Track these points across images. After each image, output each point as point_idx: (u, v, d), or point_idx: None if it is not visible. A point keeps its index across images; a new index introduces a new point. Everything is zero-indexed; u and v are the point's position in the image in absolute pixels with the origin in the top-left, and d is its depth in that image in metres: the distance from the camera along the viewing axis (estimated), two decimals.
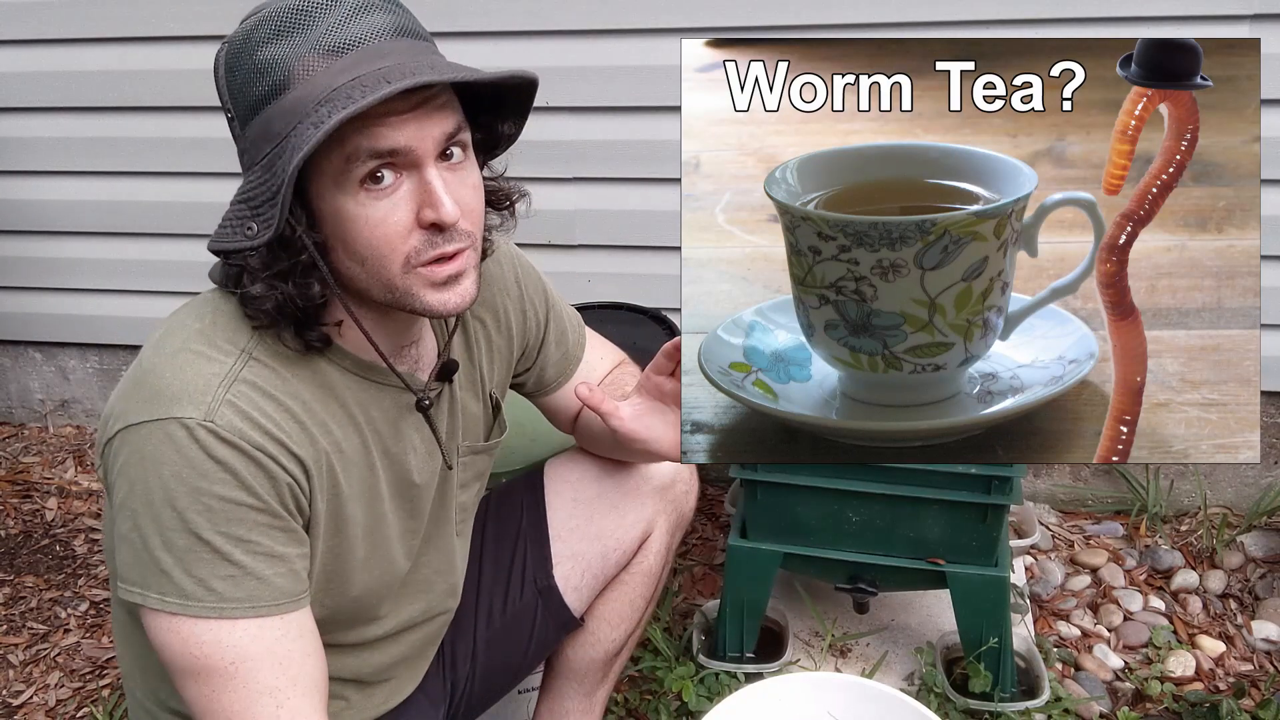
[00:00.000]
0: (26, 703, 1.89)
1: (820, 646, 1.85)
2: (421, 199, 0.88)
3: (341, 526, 1.03)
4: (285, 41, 0.85)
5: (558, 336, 1.31)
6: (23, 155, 2.46)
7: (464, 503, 1.24)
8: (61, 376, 2.75)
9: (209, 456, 0.88)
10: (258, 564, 0.91)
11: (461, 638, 1.36)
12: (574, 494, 1.38)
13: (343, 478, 1.01)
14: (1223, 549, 2.08)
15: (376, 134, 0.84)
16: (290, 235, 0.88)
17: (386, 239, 0.89)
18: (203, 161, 2.36)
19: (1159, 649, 1.86)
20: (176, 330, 0.96)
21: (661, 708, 1.71)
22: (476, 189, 0.95)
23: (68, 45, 2.32)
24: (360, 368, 1.02)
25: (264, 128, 0.87)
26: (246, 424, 0.90)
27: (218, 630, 0.90)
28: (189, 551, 0.89)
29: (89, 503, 2.47)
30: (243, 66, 0.88)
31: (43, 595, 2.16)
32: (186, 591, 0.89)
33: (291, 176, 0.82)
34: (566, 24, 2.08)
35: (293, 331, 0.94)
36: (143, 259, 2.52)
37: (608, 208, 2.19)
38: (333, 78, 0.84)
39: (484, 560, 1.38)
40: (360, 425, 1.03)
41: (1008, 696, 1.66)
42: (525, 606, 1.36)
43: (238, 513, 0.90)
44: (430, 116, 0.87)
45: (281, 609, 0.93)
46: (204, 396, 0.89)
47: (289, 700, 0.92)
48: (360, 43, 0.85)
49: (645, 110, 2.12)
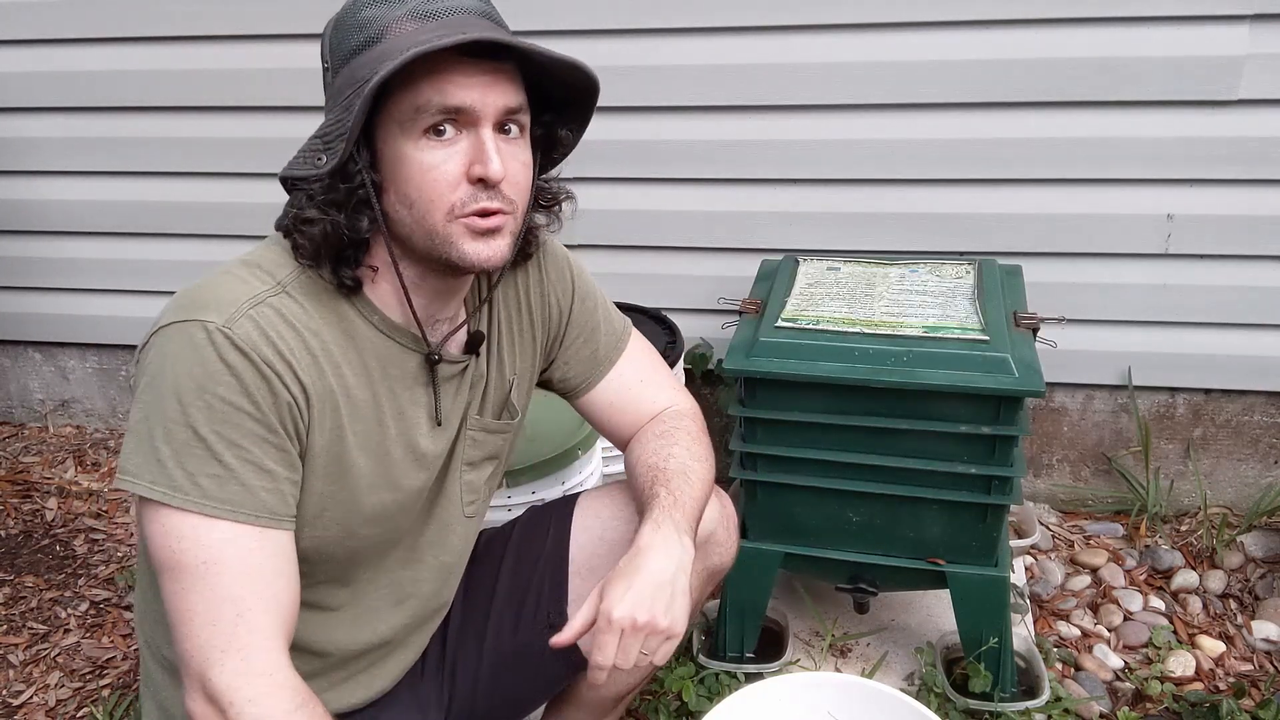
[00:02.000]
0: (26, 703, 1.89)
1: (820, 646, 1.85)
2: (474, 155, 0.96)
3: (345, 473, 1.05)
4: (385, 5, 0.96)
5: (585, 333, 1.29)
6: (23, 155, 2.46)
7: (471, 481, 1.23)
8: (61, 376, 2.75)
9: (220, 358, 0.94)
10: (245, 471, 0.96)
11: (466, 648, 1.34)
12: (602, 531, 1.33)
13: (347, 421, 1.04)
14: (1223, 549, 2.08)
15: (446, 89, 0.93)
16: (352, 169, 0.96)
17: (435, 184, 0.96)
18: (203, 161, 2.36)
19: (1159, 649, 1.86)
20: (228, 262, 1.04)
21: (661, 708, 1.71)
22: (525, 167, 1.03)
23: (68, 45, 2.32)
24: (387, 326, 1.06)
25: (351, 74, 0.95)
26: (261, 339, 0.96)
27: (196, 527, 0.95)
28: (185, 445, 0.94)
29: (89, 503, 2.47)
30: (345, 23, 0.98)
31: (43, 595, 2.16)
32: (175, 482, 0.94)
33: (366, 101, 0.90)
34: (566, 24, 2.08)
35: (330, 267, 1.01)
36: (143, 259, 2.52)
37: (608, 208, 2.20)
38: (420, 34, 0.93)
39: (501, 577, 1.36)
40: (375, 380, 1.06)
41: (1008, 696, 1.66)
42: (536, 638, 1.32)
43: (236, 417, 0.95)
44: (497, 85, 0.96)
45: (260, 522, 0.97)
46: (229, 308, 0.96)
47: (249, 611, 0.95)
48: (448, 14, 0.96)
49: (645, 110, 2.13)
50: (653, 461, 1.23)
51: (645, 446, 1.27)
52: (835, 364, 1.55)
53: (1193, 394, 2.19)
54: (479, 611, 1.33)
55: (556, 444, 1.70)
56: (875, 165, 2.08)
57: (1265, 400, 2.16)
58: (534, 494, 1.68)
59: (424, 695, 1.30)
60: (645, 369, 1.34)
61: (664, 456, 1.23)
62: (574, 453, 1.72)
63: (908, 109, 2.03)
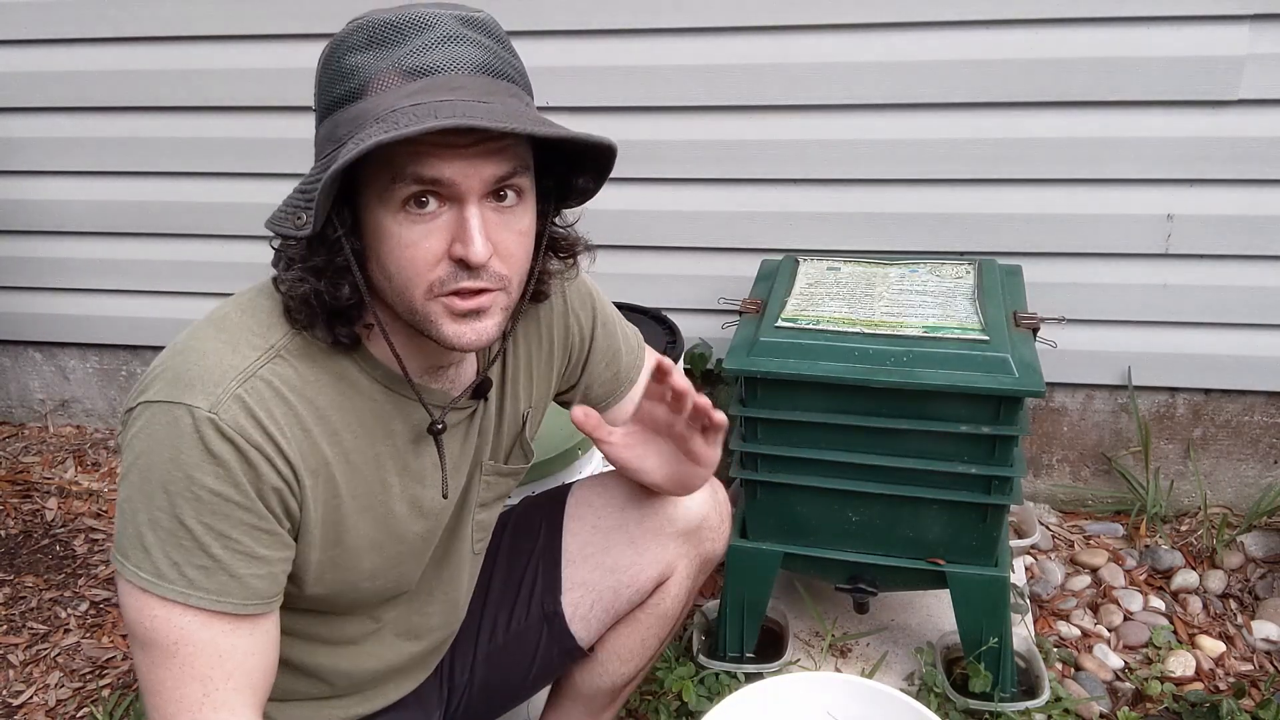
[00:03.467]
0: (26, 703, 1.89)
1: (820, 646, 1.85)
2: (456, 232, 0.89)
3: (341, 537, 1.03)
4: (372, 53, 0.88)
5: (607, 356, 1.28)
6: (23, 155, 2.46)
7: (482, 521, 1.23)
8: (61, 376, 2.75)
9: (206, 449, 0.90)
10: (234, 561, 0.93)
11: (462, 647, 1.34)
12: (595, 520, 1.34)
13: (344, 488, 1.01)
14: (1223, 549, 2.08)
15: (424, 161, 0.86)
16: (332, 235, 0.90)
17: (414, 263, 0.90)
18: (203, 162, 2.36)
19: (1159, 649, 1.86)
20: (219, 316, 0.98)
21: (661, 708, 1.71)
22: (522, 235, 0.94)
23: (68, 45, 2.32)
24: (389, 379, 1.02)
25: (331, 129, 0.89)
26: (248, 422, 0.91)
27: (169, 609, 0.92)
28: (171, 535, 0.91)
29: (89, 503, 2.47)
30: (330, 67, 0.91)
31: (43, 595, 2.16)
32: (160, 571, 0.91)
33: (327, 186, 0.84)
34: (566, 24, 2.08)
35: (324, 325, 0.95)
36: (143, 259, 2.52)
37: (608, 208, 2.18)
38: (400, 98, 0.85)
39: (495, 574, 1.36)
40: (376, 438, 1.03)
41: (1008, 696, 1.66)
42: (530, 628, 1.34)
43: (224, 508, 0.91)
44: (484, 157, 0.87)
45: (247, 608, 0.94)
46: (216, 388, 0.91)
47: (216, 691, 0.94)
48: (438, 70, 0.86)
49: (645, 110, 2.13)
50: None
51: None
52: (835, 364, 1.55)
53: (1193, 394, 2.19)
54: (474, 607, 1.33)
55: (556, 444, 1.69)
56: (875, 165, 2.08)
57: (1265, 400, 2.16)
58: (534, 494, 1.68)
59: (424, 694, 1.30)
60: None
61: None
62: (574, 453, 1.71)
63: (908, 109, 2.03)
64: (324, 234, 0.89)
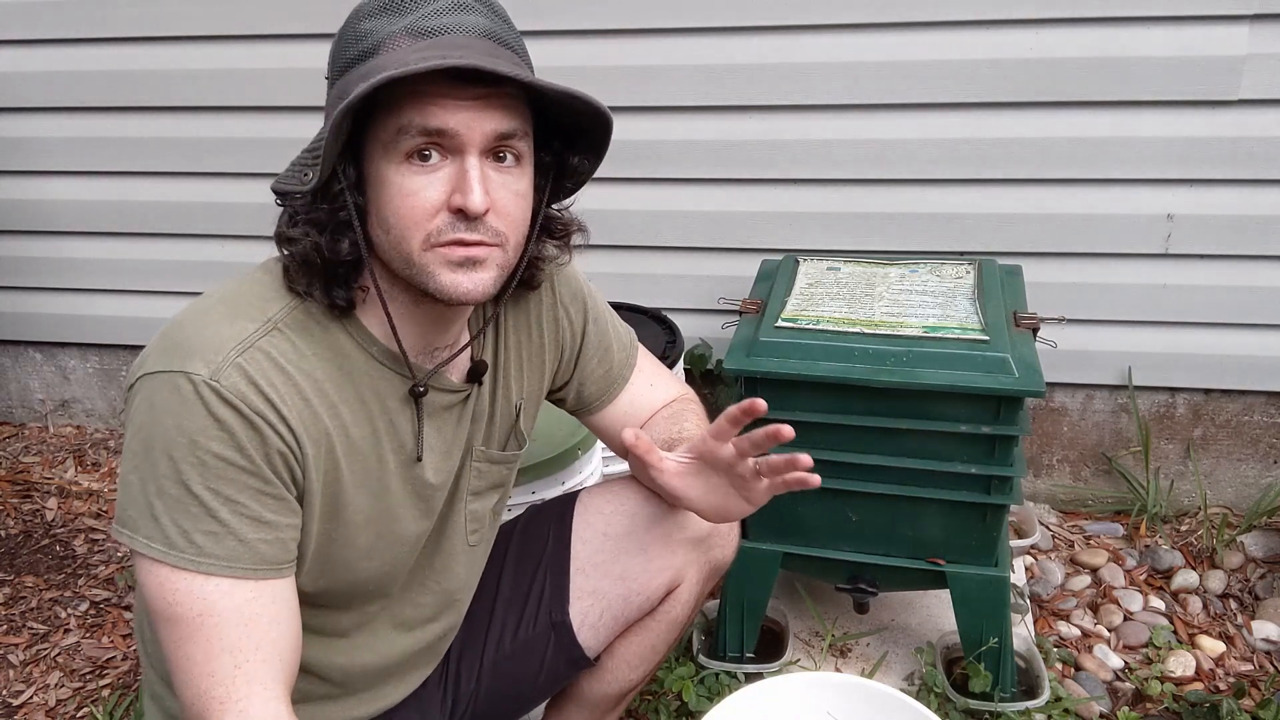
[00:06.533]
0: (26, 703, 1.89)
1: (820, 646, 1.85)
2: (456, 183, 0.92)
3: (339, 512, 1.03)
4: (385, 18, 0.92)
5: (599, 352, 1.28)
6: (23, 155, 2.46)
7: (476, 511, 1.23)
8: (61, 376, 2.75)
9: (208, 413, 0.91)
10: (242, 526, 0.94)
11: (469, 655, 1.34)
12: (604, 527, 1.33)
13: (344, 462, 1.02)
14: (1223, 549, 2.08)
15: (429, 111, 0.89)
16: (335, 188, 0.93)
17: (412, 212, 0.92)
18: (203, 161, 2.36)
19: (1159, 649, 1.86)
20: (218, 290, 1.00)
21: (661, 708, 1.71)
22: (519, 197, 0.97)
23: (68, 45, 2.32)
24: (385, 356, 1.03)
25: (343, 88, 0.92)
26: (249, 388, 0.92)
27: (190, 581, 0.93)
28: (178, 502, 0.92)
29: (89, 503, 2.47)
30: (346, 32, 0.95)
31: (43, 595, 2.16)
32: (170, 540, 0.92)
33: (337, 123, 0.87)
34: (566, 24, 2.08)
35: (322, 287, 0.97)
36: (142, 259, 2.52)
37: (608, 207, 2.20)
38: (408, 55, 0.89)
39: (503, 581, 1.36)
40: (374, 414, 1.04)
41: (1008, 696, 1.66)
42: (537, 637, 1.33)
43: (229, 472, 0.92)
44: (487, 110, 0.91)
45: (258, 575, 0.95)
46: (215, 356, 0.92)
47: (248, 662, 0.94)
48: (446, 31, 0.91)
49: (645, 110, 2.13)
50: (667, 435, 1.24)
51: (656, 428, 1.29)
52: (835, 364, 1.55)
53: (1193, 394, 2.19)
54: (481, 615, 1.33)
55: (556, 444, 1.70)
56: (875, 165, 2.08)
57: (1265, 400, 2.16)
58: (534, 494, 1.68)
59: (428, 700, 1.30)
60: (651, 374, 1.35)
61: (677, 430, 1.25)
62: (574, 453, 1.72)
63: (908, 109, 2.03)
64: (328, 187, 0.93)
